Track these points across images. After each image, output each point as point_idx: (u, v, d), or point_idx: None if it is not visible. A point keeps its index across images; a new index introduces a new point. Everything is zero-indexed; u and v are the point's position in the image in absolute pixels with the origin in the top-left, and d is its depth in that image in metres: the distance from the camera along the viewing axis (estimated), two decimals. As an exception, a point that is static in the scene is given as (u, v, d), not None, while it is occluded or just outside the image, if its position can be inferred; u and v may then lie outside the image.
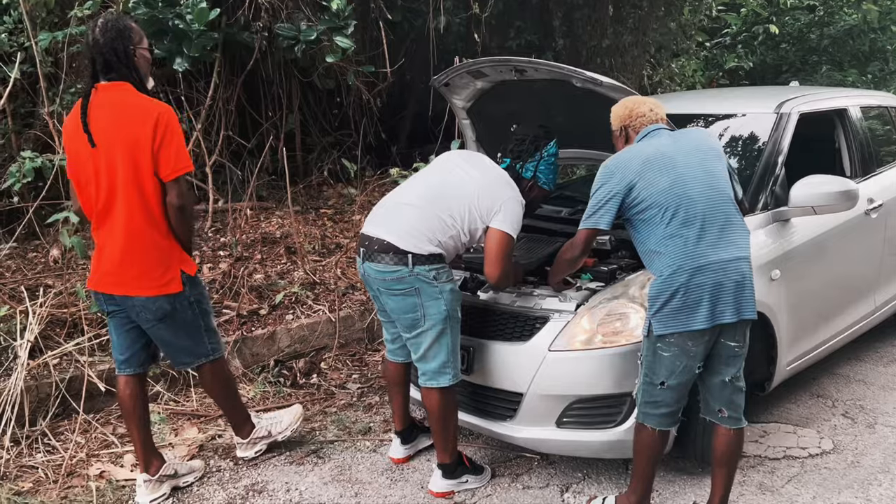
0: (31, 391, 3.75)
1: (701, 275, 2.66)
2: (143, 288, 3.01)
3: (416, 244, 2.99)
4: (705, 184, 2.75)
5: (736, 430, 2.83)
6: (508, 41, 8.62)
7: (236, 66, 6.47)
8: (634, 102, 3.00)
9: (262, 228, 5.98)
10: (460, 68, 3.68)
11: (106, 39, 2.95)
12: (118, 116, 2.92)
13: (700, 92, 7.39)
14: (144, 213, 2.96)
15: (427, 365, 3.09)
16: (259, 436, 3.48)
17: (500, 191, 3.12)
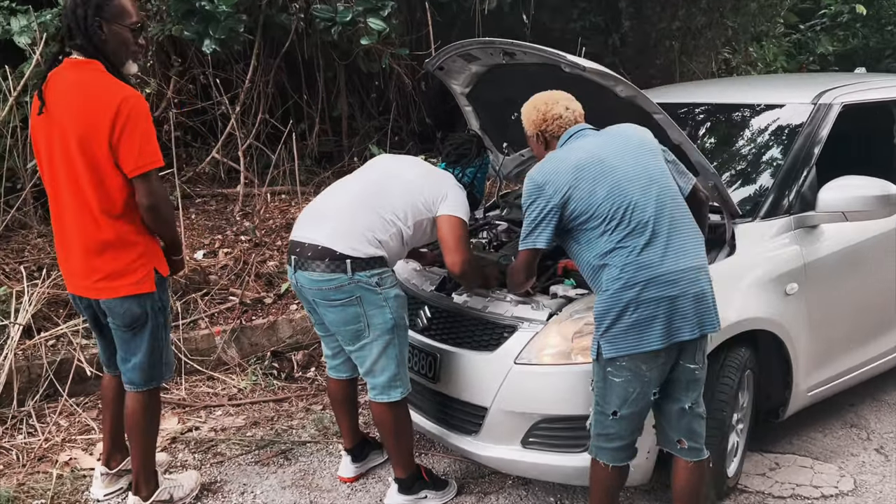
0: (21, 371, 3.78)
1: (653, 288, 2.33)
2: (111, 289, 2.74)
3: (354, 246, 2.74)
4: (647, 185, 2.43)
5: (697, 462, 2.50)
6: (571, 23, 8.20)
7: (276, 50, 6.40)
8: (546, 103, 2.65)
9: (290, 214, 5.90)
10: (450, 50, 3.42)
11: (72, 4, 2.66)
12: (75, 99, 2.61)
13: (735, 79, 6.78)
14: (101, 208, 2.66)
15: (375, 379, 2.86)
16: (160, 499, 2.98)
17: (441, 179, 2.96)
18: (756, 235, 3.07)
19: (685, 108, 3.93)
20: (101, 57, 2.67)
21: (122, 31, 2.68)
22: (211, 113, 6.30)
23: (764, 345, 3.11)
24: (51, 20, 5.64)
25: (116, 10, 2.67)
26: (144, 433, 2.91)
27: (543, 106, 2.66)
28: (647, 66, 8.65)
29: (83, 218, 2.69)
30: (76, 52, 2.67)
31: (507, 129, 3.83)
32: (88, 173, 2.64)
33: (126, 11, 2.69)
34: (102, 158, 2.62)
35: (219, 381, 4.14)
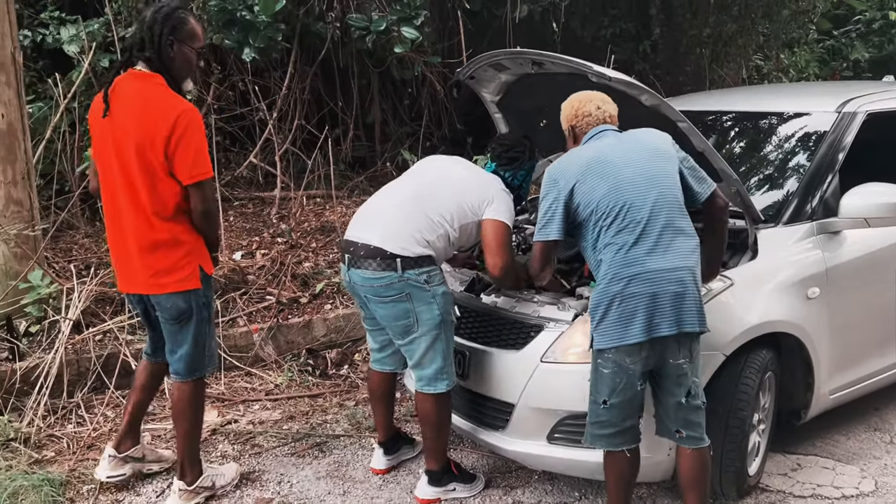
0: (71, 365, 3.98)
1: (636, 284, 2.48)
2: (161, 285, 2.92)
3: (404, 246, 2.90)
4: (646, 188, 2.56)
5: (697, 449, 2.62)
6: (602, 30, 8.29)
7: (312, 58, 6.58)
8: (580, 101, 2.82)
9: (324, 217, 6.08)
10: (481, 60, 3.54)
11: (151, 17, 2.87)
12: (138, 109, 2.80)
13: (761, 87, 6.80)
14: (154, 211, 2.84)
15: (423, 371, 3.00)
16: (204, 485, 3.14)
17: (488, 184, 3.08)
18: (778, 240, 3.15)
19: (712, 116, 4.02)
20: (165, 72, 2.86)
21: (189, 53, 2.91)
22: (249, 119, 6.51)
23: (786, 347, 3.18)
24: (98, 29, 5.90)
25: (189, 33, 2.89)
26: (189, 421, 3.06)
27: (577, 103, 2.83)
28: (678, 73, 8.70)
29: (138, 218, 2.87)
30: (142, 64, 2.86)
31: (535, 135, 3.94)
32: (143, 178, 2.82)
33: (196, 35, 2.92)
34: (157, 166, 2.80)
35: (256, 376, 4.31)
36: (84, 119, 5.91)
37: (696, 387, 2.59)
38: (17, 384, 3.80)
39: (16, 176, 4.13)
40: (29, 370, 3.85)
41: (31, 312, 4.11)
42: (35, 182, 4.36)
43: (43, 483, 3.14)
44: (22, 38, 5.84)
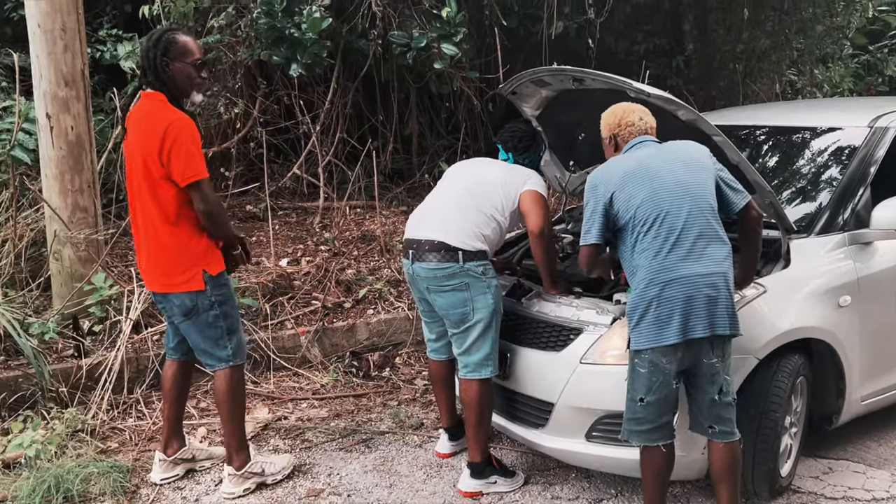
0: (131, 362, 4.22)
1: (671, 288, 2.63)
2: (168, 285, 3.17)
3: (465, 240, 3.18)
4: (682, 197, 2.72)
5: (729, 443, 2.76)
6: (636, 45, 8.42)
7: (354, 73, 6.83)
8: (624, 111, 2.97)
9: (365, 226, 6.29)
10: (523, 77, 3.72)
11: (145, 45, 3.18)
12: (140, 125, 3.12)
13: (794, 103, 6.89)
14: (160, 217, 3.09)
15: (470, 357, 3.21)
16: (253, 471, 3.32)
17: (521, 170, 3.45)
18: (811, 250, 3.27)
19: (746, 130, 4.15)
20: (166, 89, 3.14)
21: (185, 68, 3.14)
22: (293, 132, 6.76)
23: (818, 354, 3.29)
24: (153, 46, 6.20)
25: (180, 51, 3.14)
26: (227, 407, 3.27)
27: (621, 112, 2.99)
28: (711, 88, 8.79)
29: (146, 225, 3.17)
30: (149, 86, 3.16)
31: (574, 149, 4.11)
32: (148, 187, 3.12)
33: (188, 50, 3.16)
34: (157, 175, 3.08)
35: (303, 376, 4.51)
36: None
37: (728, 384, 2.73)
38: (83, 380, 4.05)
39: (82, 185, 4.40)
40: (93, 367, 4.09)
41: (95, 313, 4.36)
42: (98, 191, 4.63)
43: (111, 470, 3.36)
44: (82, 54, 6.17)
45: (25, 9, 4.23)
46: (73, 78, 4.29)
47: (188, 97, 3.21)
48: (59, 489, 3.17)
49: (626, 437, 2.82)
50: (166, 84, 3.12)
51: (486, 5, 7.01)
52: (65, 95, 4.27)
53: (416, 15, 6.52)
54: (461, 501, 3.26)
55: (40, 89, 4.26)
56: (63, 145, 4.30)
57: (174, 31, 3.20)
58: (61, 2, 4.19)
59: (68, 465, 3.33)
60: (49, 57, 4.21)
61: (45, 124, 4.27)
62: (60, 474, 3.23)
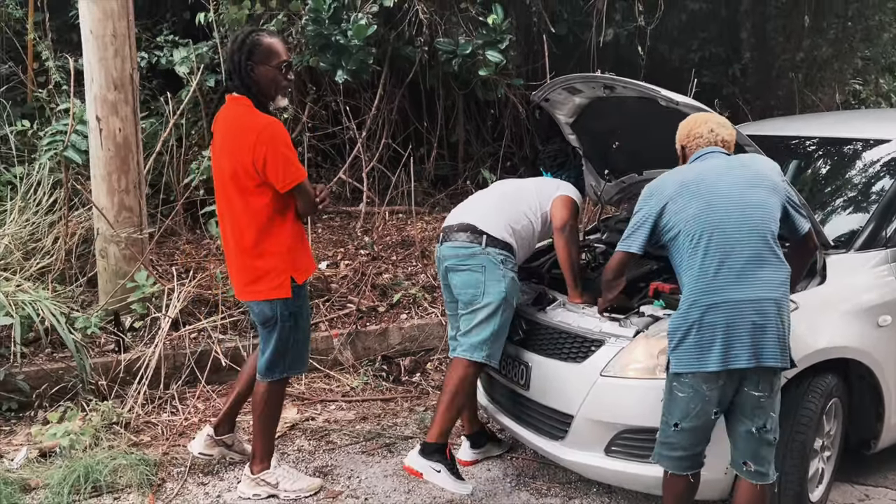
0: (168, 359, 4.33)
1: (714, 313, 2.48)
2: (254, 293, 3.16)
3: (493, 227, 3.29)
4: (739, 214, 2.53)
5: (761, 485, 2.59)
6: (690, 53, 8.26)
7: (400, 79, 6.88)
8: (696, 122, 2.82)
9: (405, 231, 6.32)
10: (555, 84, 3.69)
11: (230, 48, 3.16)
12: (227, 132, 3.09)
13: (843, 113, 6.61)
14: (251, 224, 3.06)
15: (468, 338, 3.21)
16: (267, 480, 3.30)
17: (555, 181, 3.63)
18: (849, 266, 3.14)
19: (790, 141, 4.01)
20: (251, 94, 3.09)
21: (270, 71, 3.09)
22: (340, 137, 6.85)
23: (856, 375, 3.15)
24: (206, 52, 6.38)
25: (265, 53, 3.09)
26: (262, 416, 3.28)
27: (693, 123, 2.83)
28: (768, 97, 8.56)
29: (235, 231, 3.15)
30: (234, 90, 3.12)
31: (609, 157, 4.05)
32: (237, 193, 3.09)
33: (274, 52, 3.09)
34: (249, 183, 3.05)
35: (334, 378, 4.56)
36: (190, 134, 6.41)
37: (773, 422, 2.55)
38: (121, 374, 4.18)
39: (128, 185, 4.55)
40: (131, 362, 4.22)
41: (136, 309, 4.50)
42: (144, 191, 4.78)
43: (139, 463, 3.45)
44: (139, 59, 6.40)
45: (79, 15, 4.41)
46: (122, 82, 4.44)
47: (273, 101, 3.15)
48: (87, 479, 3.28)
49: (656, 461, 2.70)
50: (251, 88, 3.07)
51: (535, 12, 6.99)
52: (114, 99, 4.44)
53: (462, 22, 6.54)
54: (453, 500, 3.22)
55: (91, 92, 4.43)
56: (111, 146, 4.46)
57: (259, 33, 3.12)
58: (113, 8, 4.35)
59: (99, 457, 3.45)
60: (100, 62, 4.38)
61: (94, 126, 4.44)
62: (91, 465, 3.35)
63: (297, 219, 3.19)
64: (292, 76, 3.20)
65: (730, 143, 2.78)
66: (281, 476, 3.34)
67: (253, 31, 3.18)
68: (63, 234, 4.89)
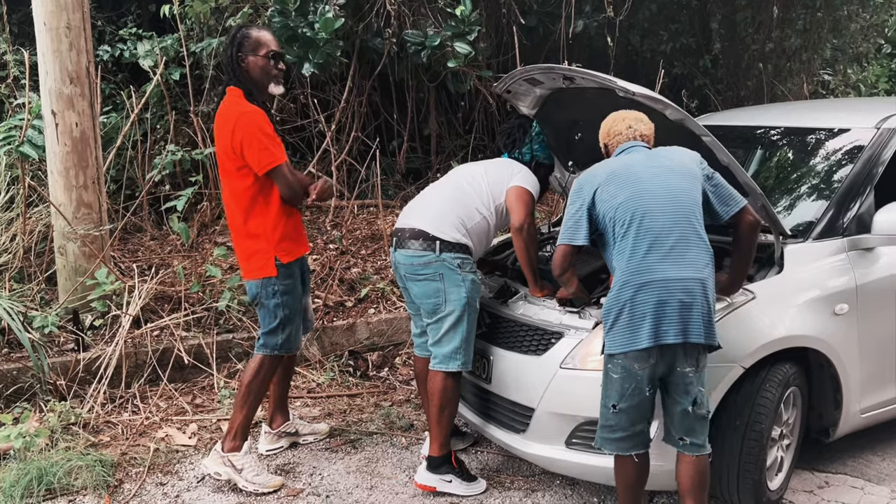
0: (129, 357, 4.26)
1: (645, 291, 2.55)
2: (247, 271, 3.35)
3: (444, 230, 3.20)
4: (665, 200, 2.64)
5: (699, 456, 2.66)
6: (661, 45, 8.26)
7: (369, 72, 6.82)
8: (614, 120, 2.93)
9: (376, 225, 6.28)
10: (515, 76, 3.65)
11: (225, 44, 3.34)
12: (219, 121, 3.27)
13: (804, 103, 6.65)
14: (238, 207, 3.25)
15: (440, 349, 3.19)
16: (233, 462, 3.29)
17: (512, 166, 3.45)
18: (807, 255, 3.14)
19: (751, 131, 4.01)
20: (242, 85, 3.26)
21: (259, 61, 3.26)
22: (309, 130, 6.78)
23: (815, 364, 3.16)
24: (171, 45, 6.28)
25: (252, 44, 3.27)
26: (247, 390, 3.33)
27: (611, 121, 2.96)
28: (739, 88, 8.59)
29: (228, 213, 3.37)
30: (230, 84, 3.28)
31: (572, 149, 4.02)
32: (224, 177, 3.30)
33: (261, 43, 3.27)
34: (231, 167, 3.24)
35: (300, 374, 4.51)
36: (155, 129, 6.31)
37: (702, 396, 2.63)
38: (81, 373, 4.10)
39: (87, 181, 4.46)
40: (91, 361, 4.14)
41: (96, 307, 4.42)
42: (104, 187, 4.70)
43: (96, 464, 3.39)
44: (103, 52, 6.29)
45: (32, 6, 4.31)
46: (78, 75, 4.35)
47: (266, 90, 3.30)
48: (41, 481, 3.22)
49: (598, 445, 2.74)
50: (242, 79, 3.24)
51: (504, 3, 6.94)
52: (70, 93, 4.34)
53: (430, 13, 6.49)
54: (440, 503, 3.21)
55: (46, 86, 4.33)
56: (67, 142, 4.37)
57: (248, 27, 3.33)
58: (67, 0, 4.25)
59: (55, 458, 3.38)
60: (54, 54, 4.29)
61: (50, 121, 4.35)
62: (45, 467, 3.28)
63: (284, 202, 3.28)
64: (283, 66, 3.34)
65: (648, 136, 2.90)
66: (247, 464, 3.35)
67: (243, 25, 3.39)
68: (21, 232, 4.79)
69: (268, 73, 3.27)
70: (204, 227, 5.91)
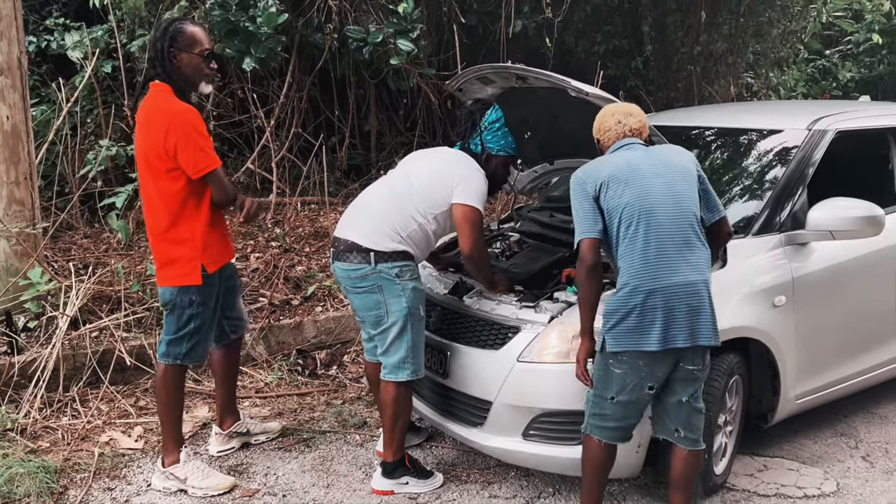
0: (68, 360, 4.11)
1: (656, 297, 2.59)
2: (164, 278, 3.18)
3: (378, 241, 3.10)
4: (669, 202, 2.66)
5: (693, 451, 2.74)
6: (595, 46, 8.47)
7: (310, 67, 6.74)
8: (604, 115, 2.91)
9: (318, 223, 6.22)
10: (468, 74, 3.69)
11: (153, 36, 3.18)
12: (145, 117, 3.09)
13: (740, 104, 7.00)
14: (164, 210, 3.09)
15: (388, 359, 3.17)
16: (175, 474, 3.24)
17: (454, 167, 3.23)
18: (747, 250, 3.29)
19: (694, 131, 4.17)
20: (172, 81, 3.11)
21: (193, 59, 3.11)
22: (247, 126, 6.66)
23: (755, 353, 3.32)
24: (101, 36, 6.06)
25: (187, 41, 3.11)
26: (162, 403, 3.26)
27: (602, 117, 2.91)
28: (669, 89, 8.89)
29: (149, 215, 3.18)
30: (156, 78, 3.12)
31: (521, 146, 4.08)
32: (150, 177, 3.11)
33: (197, 41, 3.12)
34: (161, 168, 3.07)
35: (247, 375, 4.44)
36: (86, 123, 6.09)
37: (700, 391, 2.72)
38: (15, 377, 3.93)
39: (18, 177, 4.28)
40: (26, 364, 3.98)
41: (30, 308, 4.24)
42: (37, 183, 4.50)
43: (38, 470, 3.26)
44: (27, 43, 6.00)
45: (-41, -6, 4.10)
46: (9, 66, 4.16)
47: (196, 88, 3.18)
48: (-20, 490, 3.08)
49: (588, 431, 2.78)
50: (172, 75, 3.09)
51: (445, 2, 6.99)
52: (1, 84, 4.15)
53: (372, 10, 6.48)
54: (397, 502, 3.22)
55: (-26, 78, 4.13)
56: (-2, 135, 4.17)
57: (182, 21, 3.17)
58: (-4, -12, 4.06)
59: (-7, 466, 3.23)
60: (-17, 44, 4.09)
61: (-21, 114, 4.14)
62: (-17, 475, 3.14)
63: (213, 206, 3.17)
64: (215, 64, 3.22)
65: (639, 130, 2.86)
66: (190, 472, 3.27)
67: (176, 19, 3.22)
68: (-54, 230, 4.54)
69: (200, 72, 3.13)
70: (140, 225, 5.73)
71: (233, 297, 3.48)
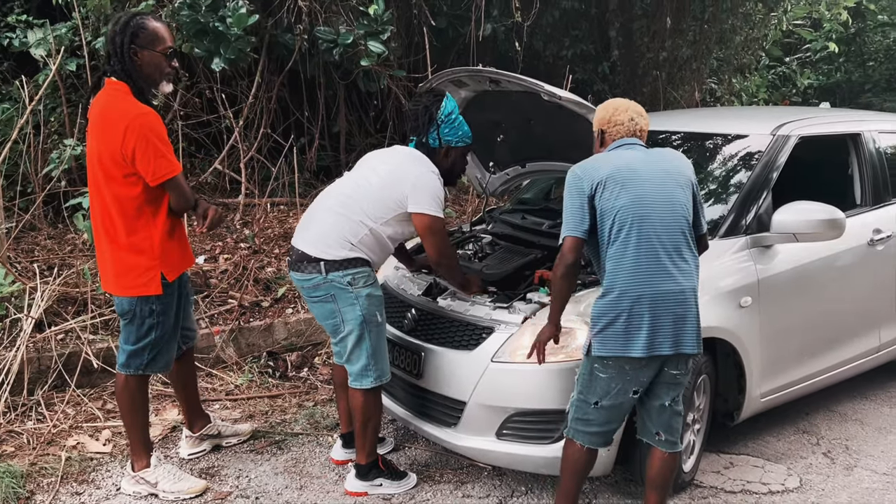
0: (32, 363, 4.03)
1: (643, 303, 2.60)
2: (122, 287, 3.06)
3: (327, 250, 3.06)
4: (664, 208, 2.65)
5: (671, 453, 2.79)
6: (563, 50, 8.56)
7: (279, 68, 6.71)
8: (616, 108, 2.85)
9: (288, 224, 6.19)
10: (442, 77, 3.72)
11: (111, 29, 2.99)
12: (100, 119, 2.96)
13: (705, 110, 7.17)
14: (120, 216, 2.97)
15: (352, 367, 3.17)
16: (146, 479, 3.20)
17: (405, 172, 3.13)
18: (715, 252, 3.35)
19: (661, 136, 4.25)
20: (131, 79, 2.96)
21: (155, 57, 2.97)
22: (215, 126, 6.60)
23: (721, 353, 3.40)
24: (65, 34, 5.95)
25: (150, 38, 2.97)
26: (125, 411, 3.21)
27: (613, 109, 2.86)
28: (635, 94, 9.01)
29: (104, 220, 3.03)
30: (113, 75, 2.97)
31: (493, 149, 4.13)
32: (105, 182, 2.97)
33: (159, 38, 2.98)
34: (117, 173, 2.94)
35: (217, 377, 4.40)
36: (49, 121, 5.97)
37: (681, 396, 2.76)
38: (-22, 381, 3.85)
39: (-19, 175, 4.18)
40: (-10, 367, 3.89)
41: (-7, 310, 4.15)
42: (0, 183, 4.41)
43: (3, 475, 3.20)
44: (-13, 40, 5.89)
45: (-81, -11, 3.99)
46: (-27, 63, 4.06)
47: (157, 87, 3.04)
48: (-56, 496, 3.01)
49: (570, 435, 2.80)
50: (131, 73, 2.94)
51: (415, 4, 7.01)
52: (-37, 81, 4.05)
53: (343, 11, 6.46)
54: (370, 503, 3.23)
55: (-65, 74, 4.03)
56: (-40, 134, 4.08)
57: (144, 16, 3.01)
58: (-40, -17, 3.97)
59: (-43, 471, 3.16)
60: (-55, 40, 3.99)
61: (-60, 111, 4.04)
62: (-53, 480, 3.07)
63: (171, 212, 3.07)
64: (177, 63, 3.10)
65: (645, 132, 2.86)
66: (161, 476, 3.23)
67: (137, 13, 3.06)
68: None
69: (161, 71, 3.00)
70: (106, 226, 5.64)
71: (187, 305, 3.37)
